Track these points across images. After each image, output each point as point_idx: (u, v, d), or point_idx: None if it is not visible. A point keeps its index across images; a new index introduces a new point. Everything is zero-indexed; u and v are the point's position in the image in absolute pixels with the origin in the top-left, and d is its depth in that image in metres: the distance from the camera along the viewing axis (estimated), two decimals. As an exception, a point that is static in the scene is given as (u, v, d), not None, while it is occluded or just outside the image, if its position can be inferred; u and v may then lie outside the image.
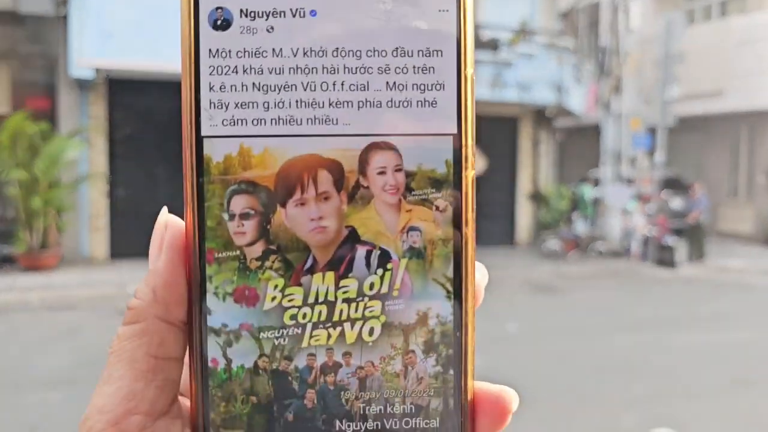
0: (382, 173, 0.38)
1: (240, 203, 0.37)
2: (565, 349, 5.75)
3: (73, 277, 8.26)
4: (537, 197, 12.66)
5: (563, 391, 4.68)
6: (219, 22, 0.38)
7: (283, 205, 0.37)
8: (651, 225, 11.10)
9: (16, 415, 4.01)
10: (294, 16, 0.38)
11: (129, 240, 9.70)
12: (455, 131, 0.39)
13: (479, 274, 0.40)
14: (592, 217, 11.88)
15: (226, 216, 0.37)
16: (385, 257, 0.38)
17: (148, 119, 9.72)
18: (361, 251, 0.38)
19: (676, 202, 12.06)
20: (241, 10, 0.38)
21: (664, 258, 10.64)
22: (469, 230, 0.39)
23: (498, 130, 12.36)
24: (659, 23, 12.00)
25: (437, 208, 0.38)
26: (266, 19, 0.38)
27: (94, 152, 9.48)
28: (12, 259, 8.77)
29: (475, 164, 0.39)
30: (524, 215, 12.83)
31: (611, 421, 4.12)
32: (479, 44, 11.14)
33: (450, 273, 0.39)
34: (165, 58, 8.79)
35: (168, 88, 9.43)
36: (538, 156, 12.86)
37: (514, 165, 12.77)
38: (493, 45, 11.23)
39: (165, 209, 0.39)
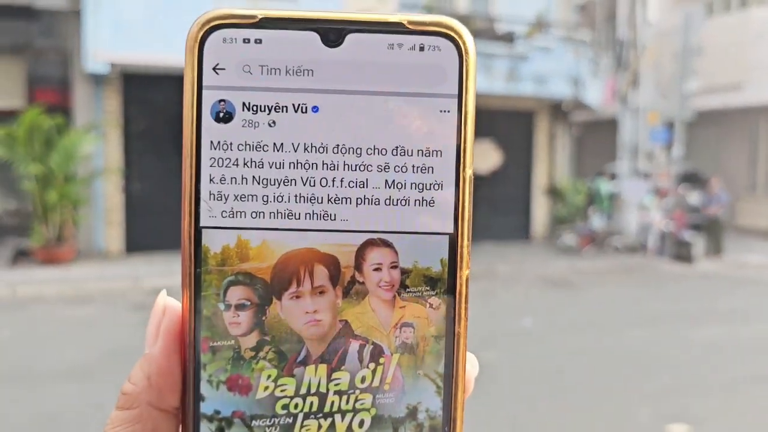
0: (377, 270, 0.38)
1: (236, 294, 0.38)
2: (580, 344, 5.71)
3: (89, 271, 8.32)
4: (553, 192, 12.59)
5: (579, 386, 4.65)
6: (221, 115, 0.38)
7: (279, 298, 0.38)
8: (668, 220, 11.00)
9: (34, 405, 4.06)
10: (296, 111, 0.38)
11: (144, 234, 9.76)
12: (452, 230, 0.39)
13: (470, 366, 0.40)
14: (608, 211, 11.79)
15: (222, 306, 0.38)
16: (377, 351, 0.39)
17: (163, 113, 9.74)
18: (354, 345, 0.39)
19: (694, 197, 11.94)
20: (244, 104, 0.38)
21: (682, 253, 10.55)
22: (462, 328, 0.39)
23: (514, 124, 12.30)
24: (677, 16, 11.87)
25: (431, 305, 0.39)
26: (268, 114, 0.38)
27: (109, 146, 9.54)
28: (29, 252, 8.84)
29: (470, 264, 0.40)
30: (540, 210, 12.77)
31: (627, 417, 4.10)
32: (495, 37, 11.09)
33: (441, 369, 0.39)
34: (180, 52, 8.81)
35: (182, 82, 9.46)
36: (554, 150, 12.78)
37: (529, 159, 12.70)
38: (508, 38, 11.16)
39: (164, 292, 0.39)
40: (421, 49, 0.38)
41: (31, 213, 9.04)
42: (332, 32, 0.38)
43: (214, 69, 0.38)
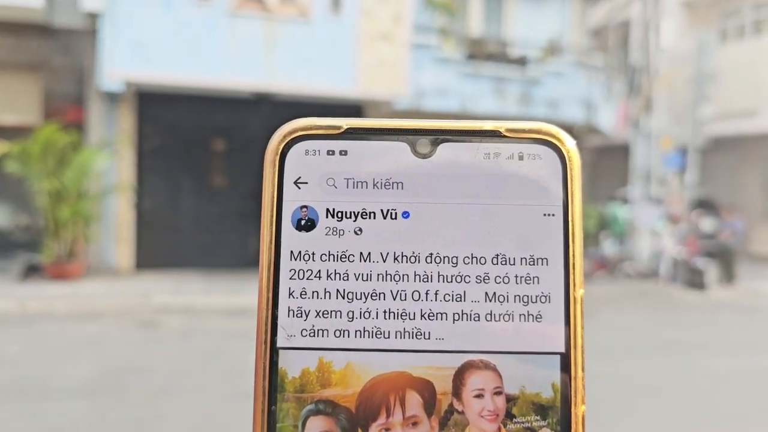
0: (479, 396, 0.34)
1: (317, 426, 0.34)
2: (590, 371, 5.61)
3: (99, 288, 8.32)
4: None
5: (589, 414, 4.57)
6: (303, 222, 0.35)
7: (366, 430, 0.34)
8: (680, 246, 10.92)
9: (41, 422, 4.04)
10: (385, 217, 0.35)
11: (154, 251, 9.77)
12: (563, 350, 0.35)
13: None
14: (620, 237, 11.72)
15: None
16: None
17: (175, 132, 9.81)
18: None
19: (707, 224, 11.85)
20: (328, 210, 0.35)
21: (694, 280, 10.45)
22: None
23: (525, 148, 12.26)
24: (691, 42, 11.88)
25: None
26: (354, 220, 0.35)
27: (122, 164, 9.59)
28: (39, 268, 8.86)
29: (585, 398, 0.35)
30: (551, 234, 12.70)
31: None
32: (508, 61, 11.12)
33: None
34: (193, 72, 8.88)
35: (195, 101, 9.54)
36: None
37: (541, 183, 12.66)
38: (522, 62, 11.18)
39: None
40: (521, 158, 0.35)
41: (42, 229, 9.07)
42: (423, 142, 0.35)
43: (295, 183, 0.36)
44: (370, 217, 0.35)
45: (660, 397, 5.00)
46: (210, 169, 10.06)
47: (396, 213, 0.35)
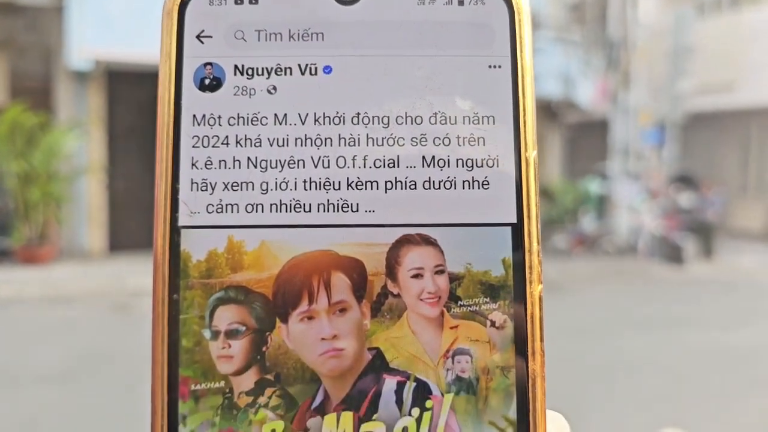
0: (417, 276, 0.30)
1: (227, 316, 0.29)
2: (571, 348, 5.64)
3: (71, 271, 8.19)
4: (543, 193, 12.53)
5: (570, 390, 4.58)
6: (207, 82, 0.31)
7: (285, 320, 0.29)
8: (659, 221, 10.96)
9: (12, 408, 3.98)
10: (303, 73, 0.31)
11: (127, 233, 9.64)
12: (514, 220, 0.30)
13: (554, 428, 0.31)
14: (598, 213, 11.75)
15: (207, 333, 0.29)
16: (422, 391, 0.29)
17: (147, 111, 9.62)
18: (389, 383, 0.29)
19: (686, 199, 11.90)
20: (236, 67, 0.31)
21: (673, 255, 10.52)
22: (537, 365, 0.30)
23: (504, 125, 12.24)
24: (669, 15, 11.86)
25: (493, 323, 0.30)
26: (267, 78, 0.31)
27: (93, 144, 9.42)
28: (9, 252, 8.70)
29: (542, 276, 0.30)
30: (530, 211, 12.72)
31: (619, 422, 4.04)
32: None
33: (512, 414, 0.29)
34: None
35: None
36: (544, 150, 12.74)
37: (519, 160, 12.66)
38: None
39: None
40: (460, 2, 0.31)
41: (11, 211, 8.89)
42: None
43: (198, 37, 0.30)
44: (285, 74, 0.31)
45: (640, 374, 5.01)
46: (183, 149, 9.93)
47: (316, 68, 0.31)
